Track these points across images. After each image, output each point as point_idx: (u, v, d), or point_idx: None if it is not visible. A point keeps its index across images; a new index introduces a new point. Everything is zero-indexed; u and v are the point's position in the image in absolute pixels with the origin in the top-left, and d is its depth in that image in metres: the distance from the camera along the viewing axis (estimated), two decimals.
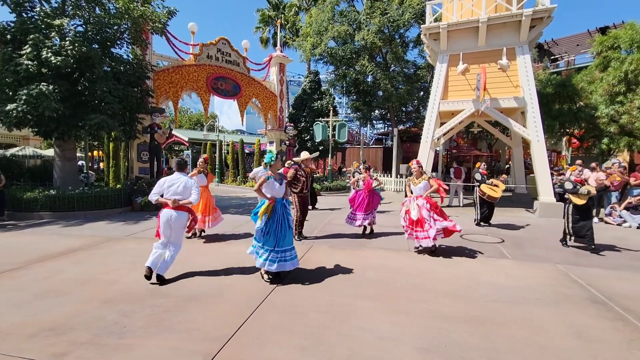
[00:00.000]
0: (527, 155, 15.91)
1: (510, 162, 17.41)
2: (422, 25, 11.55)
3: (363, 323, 3.17)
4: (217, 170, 21.56)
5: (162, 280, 4.09)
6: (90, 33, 9.17)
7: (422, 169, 5.81)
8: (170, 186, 4.25)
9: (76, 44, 8.13)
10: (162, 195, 4.26)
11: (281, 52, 17.28)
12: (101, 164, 23.01)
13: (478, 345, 2.80)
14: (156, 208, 9.90)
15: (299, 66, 58.13)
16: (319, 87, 19.21)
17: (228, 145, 22.75)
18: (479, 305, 3.62)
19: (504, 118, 10.67)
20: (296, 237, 6.47)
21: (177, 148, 29.90)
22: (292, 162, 6.98)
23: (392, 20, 16.52)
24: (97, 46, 9.32)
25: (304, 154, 6.71)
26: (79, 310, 3.36)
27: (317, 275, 4.52)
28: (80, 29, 9.26)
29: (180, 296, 3.72)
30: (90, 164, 23.70)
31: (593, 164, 9.91)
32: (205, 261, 5.06)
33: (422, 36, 11.79)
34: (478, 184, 8.17)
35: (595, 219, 8.82)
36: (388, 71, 18.44)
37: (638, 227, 8.10)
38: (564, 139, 17.70)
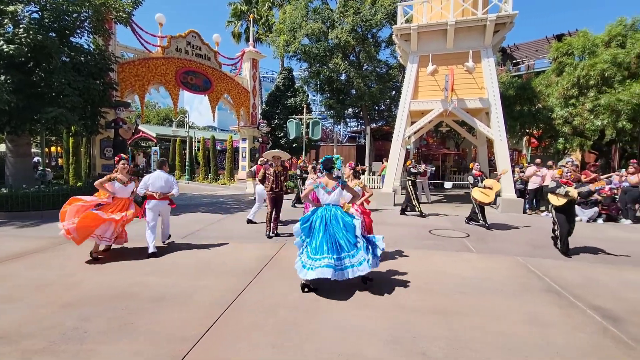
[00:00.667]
0: (491, 154, 16.75)
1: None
2: (393, 26, 11.79)
3: (332, 319, 3.22)
4: (187, 167, 20.91)
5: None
6: (47, 20, 8.55)
7: (358, 173, 5.39)
8: (154, 182, 5.27)
9: (31, 32, 7.55)
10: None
11: (254, 47, 17.00)
12: (60, 161, 21.61)
13: (442, 335, 2.93)
14: None
15: (272, 62, 57.65)
16: (293, 84, 19.12)
17: (199, 141, 22.11)
18: (444, 297, 3.78)
19: (470, 118, 11.14)
20: (267, 233, 6.52)
21: (144, 144, 28.63)
22: (265, 160, 6.97)
23: (365, 19, 16.73)
24: (54, 35, 8.71)
25: (271, 151, 6.83)
26: (34, 316, 3.15)
27: (289, 273, 4.52)
28: (35, 15, 8.61)
29: (146, 298, 3.59)
30: (47, 161, 22.19)
31: (550, 162, 10.63)
32: (174, 261, 4.92)
33: (393, 36, 12.03)
34: (471, 187, 8.09)
35: (546, 213, 9.46)
36: (361, 70, 18.67)
37: (588, 221, 8.77)
38: (524, 138, 18.79)
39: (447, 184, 9.18)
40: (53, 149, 22.91)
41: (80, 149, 12.90)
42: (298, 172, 11.11)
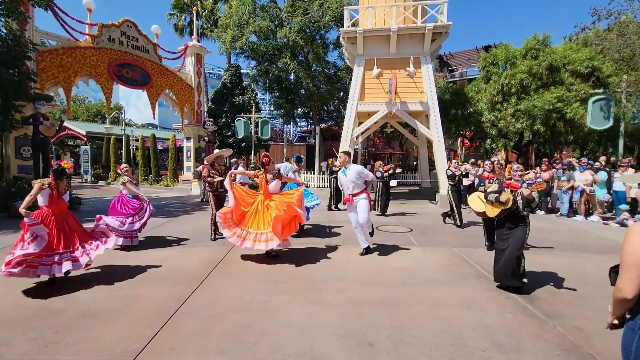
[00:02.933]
0: (431, 154, 18.03)
1: (417, 160, 19.44)
2: (340, 29, 12.09)
3: (283, 318, 3.21)
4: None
5: None
6: None
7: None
8: None
9: None
10: None
11: (198, 41, 16.22)
12: None
13: (389, 325, 3.09)
14: None
15: (219, 58, 55.35)
16: (241, 81, 18.62)
17: (137, 140, 20.46)
18: (389, 288, 3.99)
19: (411, 120, 11.86)
20: (212, 237, 6.32)
21: (71, 143, 25.69)
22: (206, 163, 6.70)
23: (313, 20, 16.89)
24: None
25: (215, 152, 6.70)
26: None
27: (238, 275, 4.41)
28: None
29: (76, 313, 3.24)
30: None
31: (472, 160, 11.72)
32: (109, 271, 4.50)
33: (341, 39, 12.34)
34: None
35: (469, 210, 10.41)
36: (310, 70, 18.82)
37: None
38: (459, 139, 20.54)
39: (393, 182, 9.65)
40: None
41: None
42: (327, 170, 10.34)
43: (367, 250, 5.43)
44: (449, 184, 8.03)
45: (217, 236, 6.31)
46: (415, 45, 11.56)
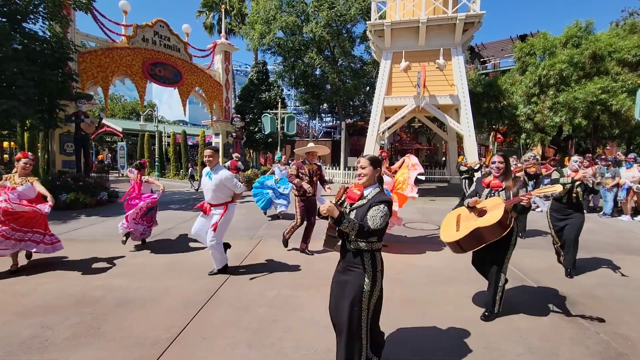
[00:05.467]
0: (461, 149, 17.41)
1: (446, 155, 18.85)
2: (367, 22, 11.88)
3: (309, 314, 3.22)
4: (157, 163, 20.10)
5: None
6: None
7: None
8: None
9: None
10: None
11: (226, 39, 16.53)
12: (4, 157, 20.04)
13: (414, 324, 3.02)
14: (83, 206, 8.93)
15: (246, 55, 56.37)
16: (267, 78, 18.83)
17: (169, 136, 21.29)
18: (414, 287, 3.89)
19: (440, 114, 11.48)
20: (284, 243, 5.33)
21: (109, 139, 27.18)
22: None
23: (339, 14, 16.72)
24: (4, 20, 8.00)
25: (310, 145, 5.33)
26: None
27: (265, 269, 4.48)
28: None
29: (113, 302, 3.42)
30: (0, 157, 20.55)
31: (514, 157, 11.18)
32: (143, 262, 4.72)
33: (367, 32, 12.13)
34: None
35: None
36: (336, 65, 18.69)
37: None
38: (491, 134, 19.68)
39: (420, 177, 9.42)
40: (5, 144, 21.19)
41: (37, 144, 12.02)
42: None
43: (223, 271, 4.23)
44: (464, 178, 8.04)
45: (308, 252, 5.22)
46: (446, 36, 11.15)
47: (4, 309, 3.24)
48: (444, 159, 21.29)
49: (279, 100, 16.50)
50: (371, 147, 11.63)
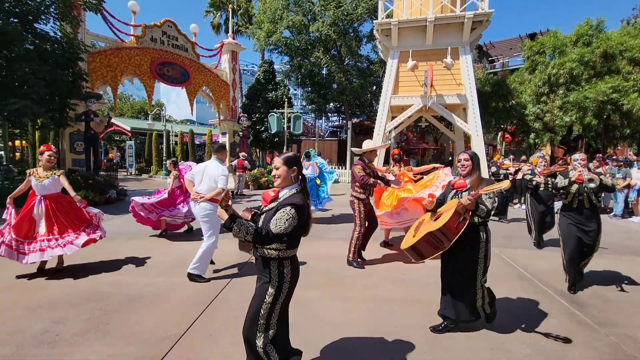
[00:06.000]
0: (468, 149, 17.27)
1: (453, 155, 18.71)
2: (374, 21, 11.84)
3: (315, 312, 3.23)
4: (164, 162, 20.29)
5: None
6: (7, 5, 7.98)
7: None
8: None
9: None
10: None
11: (233, 39, 16.61)
12: (16, 155, 20.43)
13: (421, 324, 3.01)
14: (93, 204, 9.05)
15: (253, 55, 56.58)
16: (274, 77, 18.87)
17: (176, 135, 21.48)
18: (421, 287, 3.88)
19: (448, 113, 11.40)
20: (350, 259, 4.58)
21: (117, 138, 27.50)
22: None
23: (346, 13, 16.69)
24: (16, 20, 8.15)
25: (367, 143, 4.78)
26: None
27: None
28: None
29: (123, 298, 3.47)
30: (11, 155, 20.92)
31: (511, 156, 11.06)
32: (152, 259, 4.77)
33: (374, 31, 12.09)
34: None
35: (519, 205, 9.86)
36: (342, 64, 18.67)
37: (557, 212, 9.20)
38: (499, 134, 19.47)
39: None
40: (17, 142, 21.60)
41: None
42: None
43: (194, 278, 3.93)
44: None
45: (357, 263, 4.59)
46: (453, 35, 11.06)
47: (17, 303, 3.31)
48: (450, 158, 21.15)
49: (286, 99, 16.53)
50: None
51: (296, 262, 2.05)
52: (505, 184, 2.47)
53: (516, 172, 7.77)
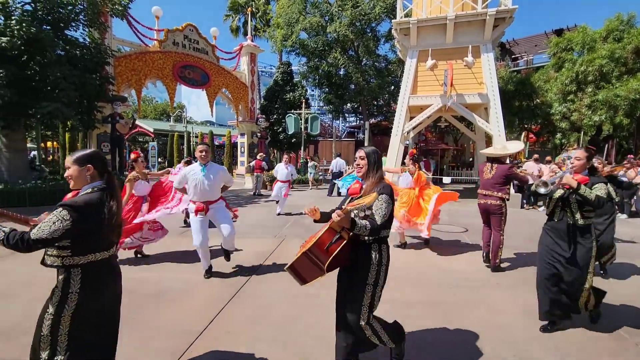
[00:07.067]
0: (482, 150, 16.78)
1: (474, 156, 18.25)
2: (392, 20, 11.72)
3: (331, 312, 3.22)
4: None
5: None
6: (40, 13, 8.43)
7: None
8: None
9: (24, 24, 7.44)
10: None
11: (252, 41, 16.87)
12: (55, 156, 21.45)
13: (440, 328, 2.95)
14: None
15: (271, 57, 57.12)
16: (291, 78, 19.02)
17: (197, 136, 22.00)
18: (440, 291, 3.80)
19: (468, 113, 11.13)
20: (497, 264, 4.47)
21: (141, 139, 28.45)
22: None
23: (363, 13, 16.61)
24: (48, 27, 8.59)
25: (511, 145, 4.88)
26: (32, 312, 3.13)
27: None
28: (28, 7, 8.48)
29: (147, 293, 3.59)
30: (43, 156, 22.03)
31: (535, 156, 10.67)
32: (175, 256, 4.91)
33: (392, 31, 11.97)
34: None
35: (543, 208, 9.49)
36: (360, 65, 18.58)
37: None
38: (523, 134, 18.83)
39: (446, 180, 9.20)
40: (49, 144, 22.73)
41: (77, 143, 12.81)
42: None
43: (210, 272, 4.11)
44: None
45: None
46: (475, 33, 10.79)
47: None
48: (471, 159, 20.62)
49: (303, 100, 16.62)
50: (395, 147, 11.47)
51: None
52: (369, 199, 1.96)
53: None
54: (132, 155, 4.76)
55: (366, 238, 2.10)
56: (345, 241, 2.06)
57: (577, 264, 2.80)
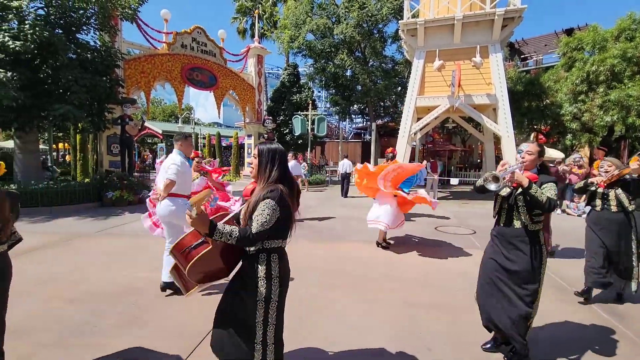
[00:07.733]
0: (498, 151, 16.58)
1: (482, 157, 18.07)
2: (400, 21, 11.69)
3: (337, 313, 3.23)
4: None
5: None
6: (52, 17, 8.61)
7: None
8: None
9: (37, 28, 7.60)
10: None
11: (259, 43, 16.97)
12: (67, 157, 21.86)
13: (446, 330, 2.93)
14: (128, 203, 9.55)
15: (278, 58, 57.52)
16: (298, 80, 19.08)
17: (204, 138, 22.19)
18: (447, 293, 3.77)
19: (476, 114, 11.03)
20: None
21: (150, 141, 28.85)
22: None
23: (370, 14, 16.60)
24: (60, 31, 8.77)
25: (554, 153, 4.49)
26: (44, 310, 3.21)
27: (295, 269, 4.53)
28: (41, 11, 8.67)
29: (156, 293, 3.63)
30: (55, 157, 22.46)
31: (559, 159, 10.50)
32: None
33: (400, 32, 11.94)
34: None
35: (558, 210, 9.36)
36: (367, 66, 18.56)
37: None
38: (532, 135, 18.58)
39: (454, 181, 9.12)
40: (60, 145, 23.16)
41: (88, 145, 13.03)
42: None
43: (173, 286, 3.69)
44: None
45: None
46: (483, 33, 10.71)
47: (61, 295, 3.54)
48: (479, 160, 20.41)
49: (310, 101, 16.65)
50: (402, 148, 11.41)
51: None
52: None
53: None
54: (192, 155, 4.83)
55: (248, 248, 1.83)
56: (209, 247, 1.75)
57: (524, 279, 2.38)
